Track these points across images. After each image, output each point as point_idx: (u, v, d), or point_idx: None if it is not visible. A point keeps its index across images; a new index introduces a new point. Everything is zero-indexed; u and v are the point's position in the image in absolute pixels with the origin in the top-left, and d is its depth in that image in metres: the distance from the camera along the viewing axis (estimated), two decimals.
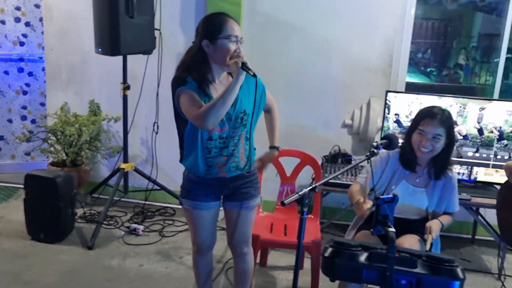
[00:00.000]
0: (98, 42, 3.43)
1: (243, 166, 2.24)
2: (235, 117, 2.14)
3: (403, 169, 2.45)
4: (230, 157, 2.19)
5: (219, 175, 2.21)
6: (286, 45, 3.91)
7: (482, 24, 5.86)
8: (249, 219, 2.36)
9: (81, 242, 3.47)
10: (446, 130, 2.33)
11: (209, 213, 2.31)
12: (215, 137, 2.14)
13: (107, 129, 4.26)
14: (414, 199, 2.44)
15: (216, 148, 2.16)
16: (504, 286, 3.19)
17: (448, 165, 2.44)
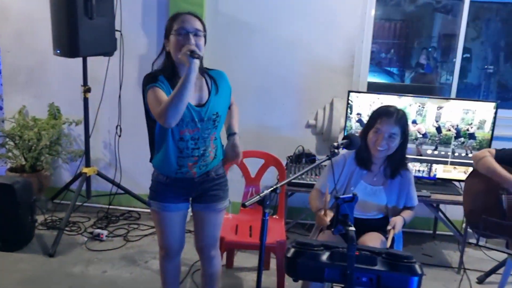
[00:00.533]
0: (56, 43, 3.35)
1: (212, 166, 2.24)
2: (208, 118, 2.13)
3: (360, 170, 2.50)
4: (201, 157, 2.19)
5: (189, 175, 2.20)
6: (249, 46, 3.91)
7: (441, 25, 6.04)
8: (217, 222, 2.35)
9: (42, 249, 3.38)
10: (401, 129, 2.39)
11: (178, 215, 2.29)
12: (187, 138, 2.12)
13: (68, 132, 4.15)
14: (373, 198, 2.48)
15: (187, 149, 2.15)
16: (469, 279, 3.29)
17: (403, 163, 2.50)
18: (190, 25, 2.05)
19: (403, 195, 2.51)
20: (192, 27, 2.05)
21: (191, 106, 2.09)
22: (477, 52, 5.86)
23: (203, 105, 2.12)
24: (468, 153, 3.44)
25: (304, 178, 3.37)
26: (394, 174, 2.48)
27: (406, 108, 3.43)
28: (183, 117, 2.06)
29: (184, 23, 2.04)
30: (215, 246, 2.39)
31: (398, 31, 6.41)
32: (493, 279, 3.25)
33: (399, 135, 2.39)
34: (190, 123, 2.10)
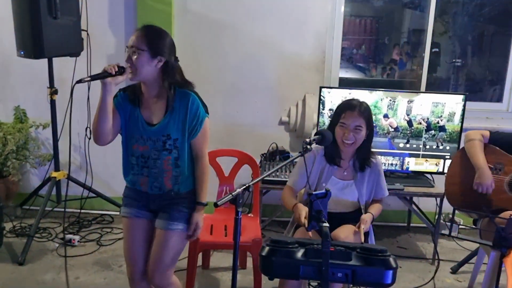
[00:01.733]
0: (19, 44, 3.24)
1: (167, 190, 2.17)
2: (156, 139, 2.11)
3: (330, 166, 2.50)
4: (151, 178, 2.16)
5: (143, 189, 2.20)
6: (219, 44, 3.87)
7: (410, 20, 6.11)
8: (168, 244, 2.15)
9: (11, 258, 3.27)
10: (365, 120, 2.41)
11: (137, 223, 2.21)
12: (137, 154, 2.14)
13: (36, 136, 4.04)
14: (345, 192, 2.49)
15: (137, 166, 2.16)
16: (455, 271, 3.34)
17: (371, 154, 2.52)
18: (132, 41, 2.06)
19: (373, 186, 2.53)
20: (132, 42, 2.05)
21: (142, 123, 2.12)
22: (445, 47, 5.96)
23: (154, 125, 2.11)
24: (439, 146, 3.49)
25: (278, 175, 3.35)
26: (363, 167, 2.50)
27: (377, 103, 3.46)
28: (133, 133, 2.13)
29: (130, 39, 2.06)
30: (163, 272, 2.16)
31: (369, 27, 6.47)
32: (466, 268, 3.31)
33: (364, 127, 2.41)
34: (140, 140, 2.12)
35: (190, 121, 2.12)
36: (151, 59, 2.04)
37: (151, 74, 2.07)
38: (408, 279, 3.19)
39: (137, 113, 2.13)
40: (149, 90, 2.12)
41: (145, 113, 2.13)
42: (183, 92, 2.13)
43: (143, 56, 2.02)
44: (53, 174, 3.67)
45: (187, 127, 2.12)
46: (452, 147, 3.47)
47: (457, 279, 3.24)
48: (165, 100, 2.11)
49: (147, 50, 2.03)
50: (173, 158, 2.13)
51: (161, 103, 2.12)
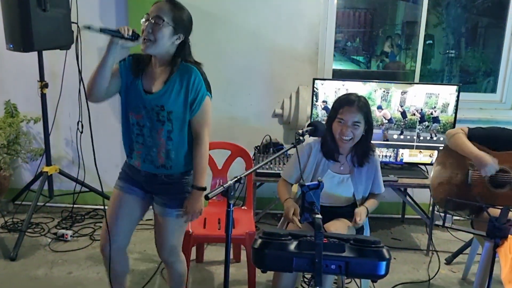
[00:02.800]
0: (8, 37, 3.19)
1: (159, 164, 2.13)
2: (150, 108, 2.07)
3: (326, 160, 2.47)
4: (145, 147, 2.13)
5: (135, 164, 2.17)
6: (212, 36, 3.84)
7: (404, 12, 6.10)
8: (167, 228, 2.19)
9: (2, 253, 3.24)
10: (364, 116, 2.38)
11: (128, 198, 2.20)
12: (133, 121, 2.12)
13: (27, 131, 3.99)
14: (341, 187, 2.47)
15: (133, 133, 2.14)
16: (439, 260, 3.34)
17: (370, 150, 2.49)
18: (152, 11, 2.01)
19: (369, 182, 2.51)
20: (153, 13, 1.99)
21: (140, 91, 2.08)
22: (439, 38, 5.95)
23: (150, 93, 2.07)
24: (433, 137, 3.48)
25: (272, 167, 3.33)
26: (362, 162, 2.47)
27: (371, 94, 3.44)
28: (131, 100, 2.09)
29: (152, 8, 2.01)
30: (172, 252, 2.27)
31: (363, 19, 6.45)
32: (460, 259, 3.32)
33: (362, 123, 2.38)
34: (136, 108, 2.09)
35: (190, 96, 2.05)
36: (173, 34, 2.01)
37: (167, 49, 2.03)
38: (403, 270, 3.20)
39: (138, 82, 2.09)
40: (155, 61, 2.09)
41: (146, 82, 2.09)
42: (187, 67, 2.07)
43: (167, 29, 1.98)
44: (44, 169, 3.63)
45: (188, 102, 2.05)
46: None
47: (451, 269, 3.25)
48: (166, 70, 2.09)
49: (171, 24, 1.99)
50: (166, 130, 2.07)
51: (164, 75, 2.08)
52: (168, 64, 2.08)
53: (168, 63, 2.08)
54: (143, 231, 3.66)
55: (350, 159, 2.48)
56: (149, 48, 1.99)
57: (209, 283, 2.99)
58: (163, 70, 2.09)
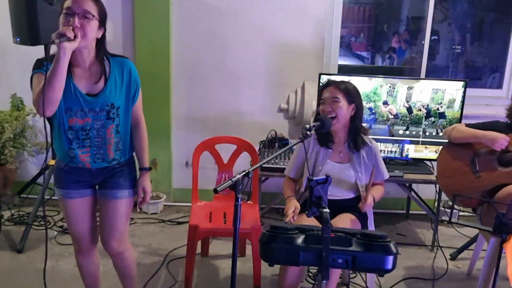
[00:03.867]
0: (15, 31, 3.20)
1: (110, 159, 2.14)
2: (100, 109, 2.03)
3: (325, 149, 2.51)
4: (94, 148, 2.08)
5: (84, 166, 2.11)
6: (218, 30, 3.84)
7: (409, 8, 6.06)
8: (119, 212, 2.19)
9: (9, 246, 3.26)
10: (343, 93, 2.43)
11: (81, 203, 2.17)
12: (76, 128, 2.03)
13: (33, 124, 4.01)
14: (342, 176, 2.50)
15: (77, 139, 2.05)
16: (444, 255, 3.34)
17: (361, 131, 2.52)
18: (78, 6, 1.89)
19: (370, 169, 2.52)
20: (79, 8, 1.89)
21: (81, 95, 2.00)
22: (445, 34, 5.92)
23: (95, 95, 2.01)
24: (439, 132, 3.47)
25: (277, 162, 3.34)
26: (357, 145, 2.50)
27: (377, 89, 3.43)
28: (71, 106, 1.99)
29: (72, 3, 1.89)
30: (120, 239, 2.23)
31: (368, 14, 6.43)
32: (465, 255, 3.32)
33: (343, 100, 2.42)
34: (80, 113, 2.00)
35: (132, 87, 2.10)
36: (98, 28, 1.97)
37: (92, 43, 1.98)
38: (407, 266, 3.20)
39: (72, 86, 1.98)
40: (82, 60, 1.99)
41: (81, 84, 2.00)
42: (120, 60, 2.09)
43: (94, 23, 1.93)
44: (50, 162, 3.64)
45: (131, 94, 2.10)
46: None
47: (456, 265, 3.25)
48: (100, 69, 2.02)
49: (97, 19, 1.95)
50: (115, 125, 2.09)
51: (96, 73, 2.02)
52: (95, 60, 2.03)
53: (94, 59, 2.02)
54: (148, 225, 3.69)
55: (347, 147, 2.52)
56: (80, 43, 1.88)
57: (214, 276, 3.01)
58: (90, 67, 2.03)
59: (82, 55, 1.98)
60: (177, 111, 3.97)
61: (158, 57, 3.82)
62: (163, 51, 3.81)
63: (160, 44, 3.80)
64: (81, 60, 1.99)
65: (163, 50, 3.81)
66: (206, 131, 3.78)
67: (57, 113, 1.99)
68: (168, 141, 3.97)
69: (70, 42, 1.83)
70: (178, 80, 3.93)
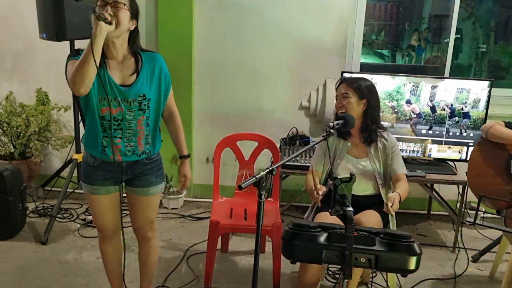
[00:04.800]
0: (42, 27, 3.26)
1: (140, 152, 2.18)
2: (133, 99, 2.07)
3: (344, 143, 2.55)
4: (125, 140, 2.12)
5: (115, 159, 2.13)
6: (240, 28, 3.84)
7: (432, 5, 5.98)
8: (151, 204, 2.32)
9: (34, 237, 3.33)
10: (353, 89, 2.48)
11: (108, 198, 2.23)
12: (108, 117, 2.06)
13: (57, 118, 4.08)
14: (360, 169, 2.52)
15: (109, 129, 2.08)
16: (467, 256, 3.30)
17: (373, 127, 2.53)
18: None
19: (388, 162, 2.54)
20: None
21: (115, 85, 2.04)
22: (468, 32, 5.82)
23: (129, 86, 2.06)
24: (463, 132, 3.43)
25: (298, 160, 3.34)
26: (371, 139, 2.53)
27: (400, 88, 3.40)
28: (106, 95, 2.02)
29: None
30: (150, 227, 2.38)
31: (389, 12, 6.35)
32: (487, 257, 3.27)
33: (353, 96, 2.48)
34: (113, 102, 2.05)
35: (162, 82, 2.16)
36: (130, 18, 2.02)
37: (125, 34, 2.03)
38: (428, 267, 3.17)
39: (106, 76, 2.03)
40: (116, 51, 2.05)
41: (115, 75, 2.05)
42: (152, 54, 2.16)
43: (126, 12, 1.98)
44: (74, 156, 3.71)
45: (162, 88, 2.16)
46: (476, 134, 3.40)
47: (478, 267, 3.21)
48: (133, 62, 2.09)
49: (129, 9, 2.00)
50: (146, 117, 2.13)
51: (129, 65, 2.08)
52: (128, 53, 2.08)
53: (127, 52, 2.08)
54: (168, 220, 3.72)
55: (363, 141, 2.55)
56: (111, 32, 1.93)
57: (234, 272, 3.02)
58: (123, 60, 2.08)
59: (115, 47, 2.03)
60: (199, 107, 4.00)
61: (180, 54, 3.84)
62: (186, 48, 3.84)
63: (183, 41, 3.82)
64: (114, 52, 2.05)
65: (185, 47, 3.84)
66: (227, 128, 3.79)
67: (91, 102, 2.04)
68: (189, 137, 3.99)
69: (106, 24, 1.88)
70: (200, 77, 3.95)
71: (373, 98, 2.54)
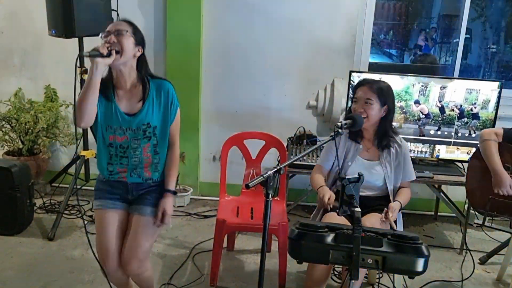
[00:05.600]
0: (51, 24, 3.27)
1: (146, 178, 2.20)
2: (137, 128, 2.12)
3: (355, 146, 2.50)
4: (131, 167, 2.16)
5: (121, 179, 2.19)
6: (249, 26, 3.84)
7: (441, 5, 5.94)
8: (144, 229, 2.15)
9: (41, 233, 3.35)
10: (377, 96, 2.40)
11: (113, 213, 2.17)
12: (115, 145, 2.13)
13: (65, 115, 4.10)
14: (370, 173, 2.47)
15: (116, 156, 2.15)
16: (472, 259, 3.28)
17: (390, 132, 2.49)
18: (113, 26, 2.05)
19: (399, 168, 2.51)
20: (114, 28, 2.04)
21: (121, 114, 2.11)
22: (476, 33, 5.78)
23: (133, 115, 2.10)
24: (472, 133, 3.40)
25: (305, 159, 3.33)
26: (384, 145, 2.48)
27: (408, 88, 3.38)
28: (111, 124, 2.10)
29: (109, 27, 2.05)
30: (141, 259, 2.14)
31: (398, 11, 6.33)
32: (495, 259, 3.24)
33: (375, 102, 2.40)
34: (118, 131, 2.10)
35: (168, 109, 2.17)
36: (135, 45, 2.07)
37: (131, 60, 2.08)
38: (435, 268, 3.15)
39: (114, 105, 2.10)
40: (124, 79, 2.10)
41: (122, 104, 2.12)
42: (160, 82, 2.18)
43: (130, 39, 2.04)
44: (82, 153, 3.72)
45: (168, 116, 2.17)
46: None
47: (485, 270, 3.18)
48: (140, 89, 2.13)
49: (132, 36, 2.06)
50: (152, 145, 2.16)
51: (136, 93, 2.13)
52: (137, 81, 2.13)
53: (135, 80, 2.13)
54: (175, 218, 3.73)
55: (376, 144, 2.51)
56: (117, 60, 2.00)
57: (239, 271, 3.02)
58: (131, 88, 2.13)
59: (123, 76, 2.10)
60: (206, 105, 4.00)
61: (188, 52, 3.84)
62: (194, 46, 3.84)
63: (191, 39, 3.82)
64: (122, 81, 2.11)
65: (194, 45, 3.84)
66: (234, 126, 3.79)
67: (99, 130, 2.12)
68: (197, 135, 4.00)
69: (103, 58, 1.94)
70: (208, 75, 3.95)
71: (393, 103, 2.49)
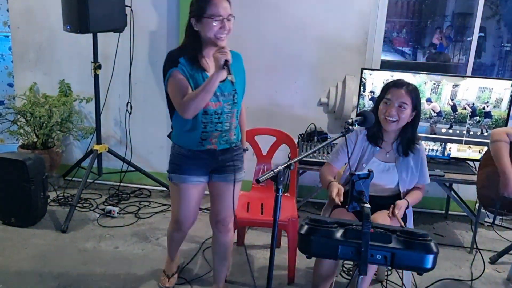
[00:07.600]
0: (66, 19, 3.32)
1: (231, 142, 2.32)
2: (228, 93, 2.21)
3: (372, 146, 2.46)
4: (224, 132, 2.25)
5: (210, 147, 2.25)
6: (261, 23, 3.84)
7: (455, 3, 5.89)
8: (236, 192, 2.38)
9: (54, 225, 3.41)
10: (411, 100, 2.34)
11: (197, 189, 2.34)
12: (211, 112, 2.19)
13: (79, 110, 4.15)
14: (385, 175, 2.44)
15: (211, 123, 2.21)
16: (482, 258, 3.27)
17: (415, 139, 2.45)
18: (224, 11, 2.08)
19: (415, 172, 2.47)
20: (226, 13, 2.09)
21: None
22: (490, 31, 5.73)
23: (223, 81, 2.13)
24: (484, 132, 3.38)
25: (315, 156, 3.33)
26: (407, 152, 2.44)
27: (420, 86, 3.37)
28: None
29: (218, 9, 2.07)
30: (232, 218, 2.43)
31: (411, 9, 6.28)
32: (506, 259, 3.23)
33: (409, 106, 2.34)
34: (213, 97, 2.16)
35: (244, 76, 2.34)
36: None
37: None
38: (445, 267, 3.15)
39: (203, 74, 2.17)
40: (210, 51, 2.15)
41: (210, 72, 2.16)
42: (235, 53, 2.26)
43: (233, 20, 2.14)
44: (95, 147, 3.78)
45: (243, 83, 2.34)
46: None
47: (495, 269, 3.17)
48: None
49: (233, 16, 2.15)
50: (236, 110, 2.29)
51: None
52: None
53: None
54: None
55: (396, 148, 2.46)
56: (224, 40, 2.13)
57: (249, 266, 3.04)
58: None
59: (209, 47, 2.17)
60: None
61: None
62: None
63: None
64: (209, 51, 2.17)
65: None
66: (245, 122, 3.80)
67: None
68: None
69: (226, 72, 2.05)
70: None
71: (419, 109, 2.43)
